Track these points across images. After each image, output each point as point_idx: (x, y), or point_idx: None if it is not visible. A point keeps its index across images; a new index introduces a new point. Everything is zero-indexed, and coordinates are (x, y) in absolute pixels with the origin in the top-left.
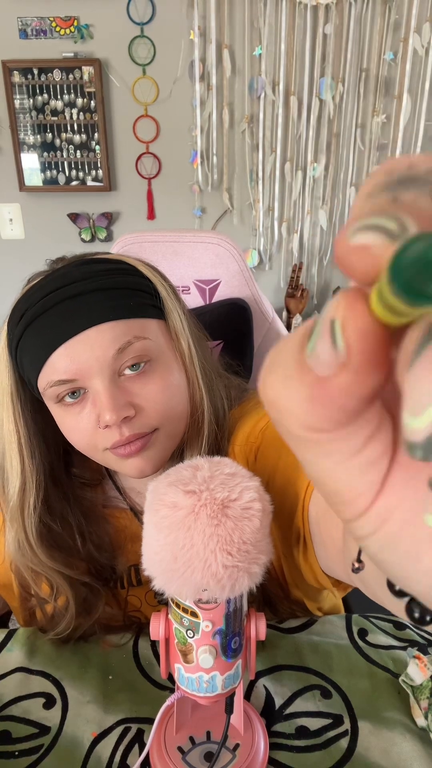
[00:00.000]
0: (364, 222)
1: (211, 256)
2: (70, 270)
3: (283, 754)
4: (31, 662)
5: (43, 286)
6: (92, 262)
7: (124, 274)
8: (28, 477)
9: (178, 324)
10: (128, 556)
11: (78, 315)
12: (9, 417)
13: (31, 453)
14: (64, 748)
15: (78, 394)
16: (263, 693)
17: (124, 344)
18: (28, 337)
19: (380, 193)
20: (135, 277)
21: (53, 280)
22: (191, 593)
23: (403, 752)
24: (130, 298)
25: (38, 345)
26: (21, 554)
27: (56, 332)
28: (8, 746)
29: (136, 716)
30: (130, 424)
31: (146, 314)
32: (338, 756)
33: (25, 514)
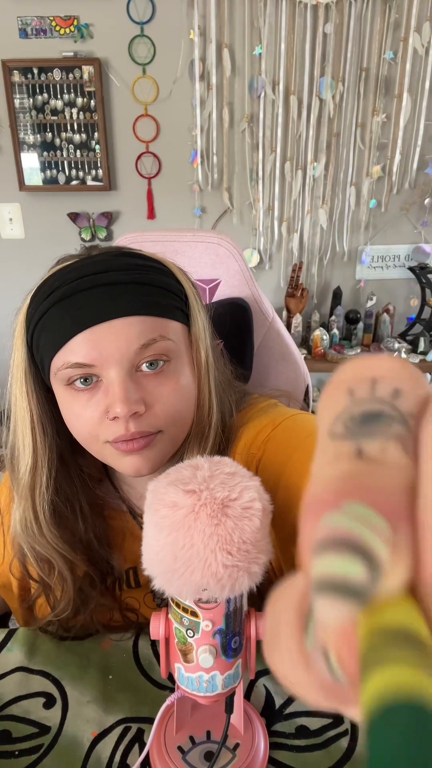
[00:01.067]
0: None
1: (211, 256)
2: (108, 258)
3: (283, 753)
4: (31, 662)
5: (78, 267)
6: (131, 255)
7: (159, 273)
8: (40, 454)
9: (201, 332)
10: (126, 557)
11: (110, 303)
12: (22, 394)
13: (43, 430)
14: (64, 747)
15: (90, 381)
16: (263, 692)
17: (149, 341)
18: (53, 314)
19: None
20: (169, 278)
21: (90, 265)
22: (191, 593)
23: None
24: (162, 297)
25: (63, 324)
26: (28, 533)
27: (85, 315)
28: (8, 746)
29: (136, 716)
30: (137, 420)
31: (174, 316)
32: (338, 755)
33: (36, 492)
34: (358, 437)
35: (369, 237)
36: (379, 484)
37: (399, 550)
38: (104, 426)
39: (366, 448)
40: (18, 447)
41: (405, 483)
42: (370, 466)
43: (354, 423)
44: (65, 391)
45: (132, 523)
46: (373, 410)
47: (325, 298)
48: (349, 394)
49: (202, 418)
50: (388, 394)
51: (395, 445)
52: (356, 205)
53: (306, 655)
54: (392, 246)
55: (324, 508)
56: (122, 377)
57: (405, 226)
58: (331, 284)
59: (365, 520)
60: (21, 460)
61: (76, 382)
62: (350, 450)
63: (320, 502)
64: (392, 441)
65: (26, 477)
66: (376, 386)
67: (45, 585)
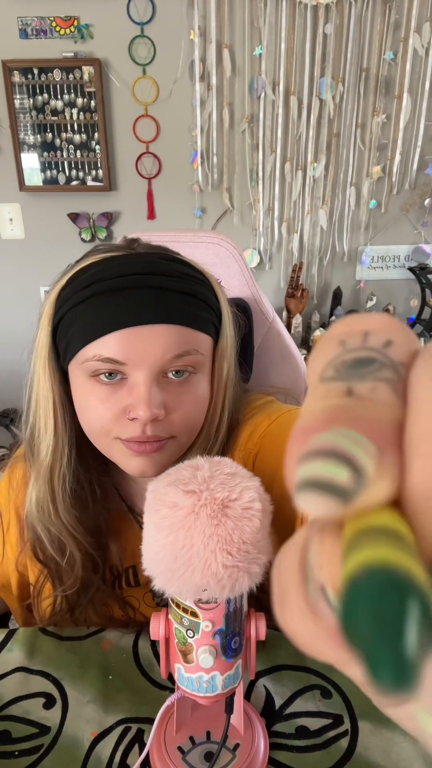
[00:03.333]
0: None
1: (212, 256)
2: (156, 260)
3: (283, 754)
4: (31, 662)
5: (126, 263)
6: (179, 261)
7: (202, 285)
8: (61, 436)
9: (227, 349)
10: (126, 555)
11: (155, 307)
12: (45, 374)
13: (63, 412)
14: (64, 748)
15: (115, 376)
16: (263, 693)
17: (183, 352)
18: (93, 305)
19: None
20: (209, 291)
21: (139, 264)
22: (191, 593)
23: (403, 752)
24: (201, 310)
25: (102, 317)
26: (41, 515)
27: (128, 313)
28: (8, 746)
29: (136, 716)
30: (154, 424)
31: (207, 330)
32: (338, 756)
33: (56, 474)
34: (349, 378)
35: (369, 237)
36: (368, 415)
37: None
38: (120, 424)
39: (356, 387)
40: (39, 428)
41: (393, 418)
42: (359, 401)
43: (345, 367)
44: (87, 381)
45: (132, 521)
46: (364, 356)
47: (325, 298)
48: (341, 345)
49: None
50: (380, 344)
51: (385, 387)
52: (356, 205)
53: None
54: (392, 246)
55: (311, 434)
56: (150, 381)
57: (405, 226)
58: (331, 285)
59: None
60: (42, 441)
61: (101, 375)
62: (340, 389)
63: (308, 429)
64: (382, 383)
65: (48, 458)
66: (368, 337)
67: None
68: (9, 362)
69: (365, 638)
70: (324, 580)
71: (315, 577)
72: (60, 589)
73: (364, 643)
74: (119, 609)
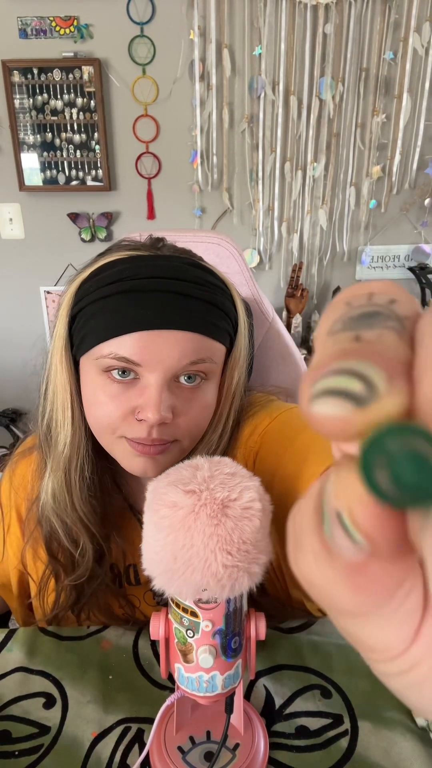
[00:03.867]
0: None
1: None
2: (183, 266)
3: (283, 753)
4: (31, 662)
5: (153, 266)
6: (204, 269)
7: (223, 295)
8: (78, 427)
9: (240, 359)
10: (127, 553)
11: (179, 312)
12: (63, 366)
13: (80, 404)
14: (64, 748)
15: (128, 374)
16: (263, 693)
17: (198, 359)
18: (116, 302)
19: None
20: (229, 302)
21: (165, 267)
22: (191, 593)
23: (403, 752)
24: (220, 320)
25: (124, 316)
26: (57, 506)
27: (150, 316)
28: (8, 746)
29: (136, 716)
30: (161, 428)
31: (223, 340)
32: (338, 756)
33: (73, 466)
34: (357, 328)
35: (369, 237)
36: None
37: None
38: (127, 423)
39: (364, 334)
40: (57, 419)
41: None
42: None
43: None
44: (99, 375)
45: (133, 520)
46: (370, 310)
47: (325, 298)
48: (347, 305)
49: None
50: (385, 302)
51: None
52: (356, 205)
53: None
54: (392, 246)
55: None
56: (162, 385)
57: (405, 226)
58: (331, 284)
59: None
60: (60, 432)
61: (114, 371)
62: (349, 336)
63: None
64: (389, 330)
65: (66, 449)
66: (373, 297)
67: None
68: (9, 362)
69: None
70: (340, 506)
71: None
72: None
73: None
74: (120, 606)
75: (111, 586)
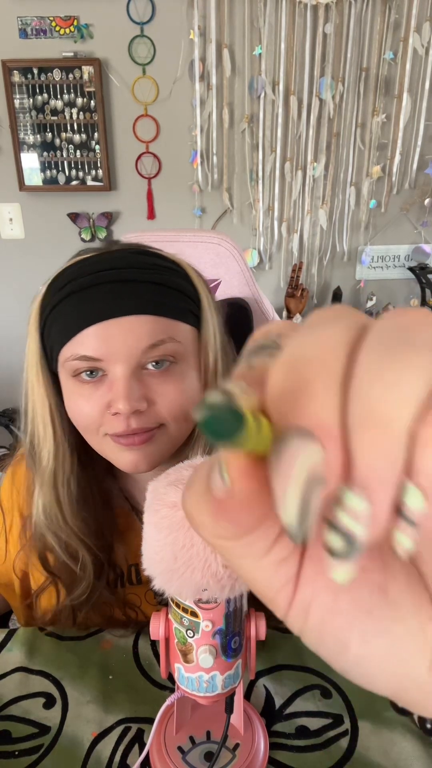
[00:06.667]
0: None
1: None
2: (126, 255)
3: (283, 753)
4: (31, 662)
5: (96, 261)
6: (149, 254)
7: (175, 275)
8: (61, 441)
9: (210, 338)
10: (128, 553)
11: (123, 299)
12: (39, 381)
13: (61, 417)
14: (64, 747)
15: (96, 374)
16: (263, 693)
17: (158, 341)
18: (67, 305)
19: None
20: (184, 280)
21: (108, 260)
22: (191, 593)
23: (403, 752)
24: (175, 299)
25: (76, 316)
26: (50, 522)
27: (98, 309)
28: (8, 746)
29: (136, 716)
30: (138, 417)
31: (185, 319)
32: (338, 756)
33: (59, 480)
34: (250, 358)
35: (369, 237)
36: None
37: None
38: (105, 419)
39: (253, 362)
40: (38, 435)
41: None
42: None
43: (250, 353)
44: (71, 382)
45: (134, 519)
46: (261, 344)
47: (325, 298)
48: (254, 341)
49: None
50: (275, 336)
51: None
52: (356, 205)
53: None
54: (392, 246)
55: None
56: (127, 374)
57: (405, 226)
58: (331, 284)
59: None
60: (43, 448)
61: (82, 374)
62: (245, 364)
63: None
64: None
65: (50, 464)
66: (269, 334)
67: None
68: (9, 362)
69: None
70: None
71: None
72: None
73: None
74: (120, 611)
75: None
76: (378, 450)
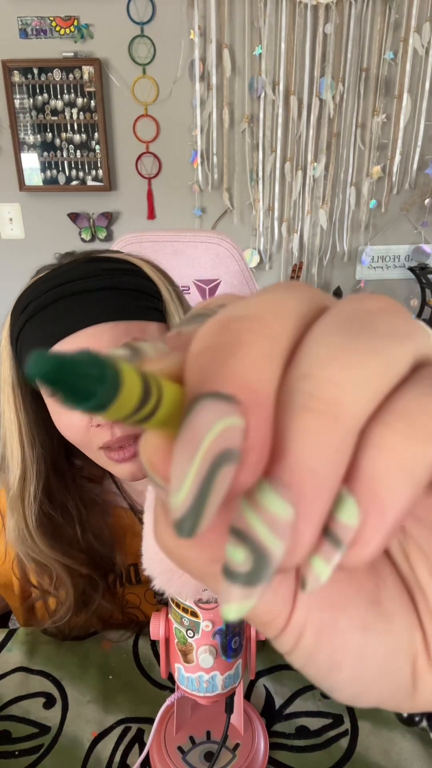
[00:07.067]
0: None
1: (211, 256)
2: (75, 266)
3: (283, 753)
4: (31, 662)
5: (48, 279)
6: (99, 260)
7: (129, 275)
8: (29, 466)
9: None
10: (128, 553)
11: (79, 312)
12: (10, 406)
13: (31, 442)
14: (64, 747)
15: None
16: (263, 693)
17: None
18: (28, 329)
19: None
20: (139, 278)
21: (59, 275)
22: (191, 593)
23: (403, 752)
24: (132, 300)
25: (38, 338)
26: (21, 542)
27: (56, 327)
28: (8, 746)
29: (136, 716)
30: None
31: (147, 317)
32: (338, 756)
33: (25, 503)
34: (181, 326)
35: (369, 237)
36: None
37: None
38: (92, 433)
39: (183, 330)
40: (7, 457)
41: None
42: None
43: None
44: (51, 401)
45: (133, 519)
46: (197, 313)
47: None
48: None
49: None
50: (215, 307)
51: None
52: (356, 205)
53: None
54: (392, 246)
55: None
56: None
57: (405, 226)
58: (331, 284)
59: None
60: (10, 471)
61: None
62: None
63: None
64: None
65: (15, 487)
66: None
67: (44, 591)
68: None
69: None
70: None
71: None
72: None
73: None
74: (120, 613)
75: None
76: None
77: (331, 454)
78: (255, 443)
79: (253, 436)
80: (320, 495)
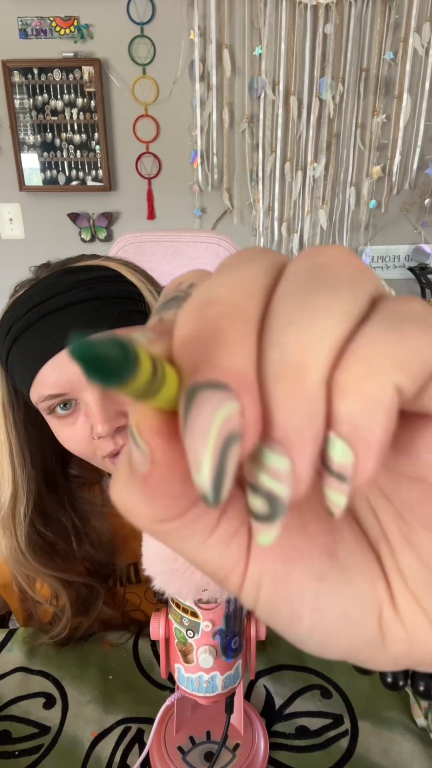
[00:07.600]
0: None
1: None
2: (51, 282)
3: (283, 753)
4: (31, 662)
5: (26, 300)
6: (75, 271)
7: (107, 282)
8: (20, 486)
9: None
10: (128, 553)
11: (62, 329)
12: (1, 427)
13: (22, 462)
14: (64, 748)
15: (70, 405)
16: (263, 693)
17: None
18: (15, 352)
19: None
20: (119, 283)
21: (36, 293)
22: (191, 593)
23: (403, 752)
24: (114, 307)
25: (25, 361)
26: (15, 561)
27: (41, 348)
28: (8, 746)
29: (136, 716)
30: (122, 432)
31: (131, 322)
32: (338, 756)
33: (16, 522)
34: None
35: (369, 237)
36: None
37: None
38: (96, 444)
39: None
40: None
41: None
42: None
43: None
44: (51, 418)
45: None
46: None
47: None
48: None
49: None
50: (186, 287)
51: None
52: (356, 205)
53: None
54: (392, 246)
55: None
56: (96, 397)
57: (405, 226)
58: None
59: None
60: (1, 491)
61: (56, 409)
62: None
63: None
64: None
65: (5, 507)
66: (180, 285)
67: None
68: None
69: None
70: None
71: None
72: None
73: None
74: (119, 611)
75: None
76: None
77: (307, 409)
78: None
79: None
80: (306, 443)
